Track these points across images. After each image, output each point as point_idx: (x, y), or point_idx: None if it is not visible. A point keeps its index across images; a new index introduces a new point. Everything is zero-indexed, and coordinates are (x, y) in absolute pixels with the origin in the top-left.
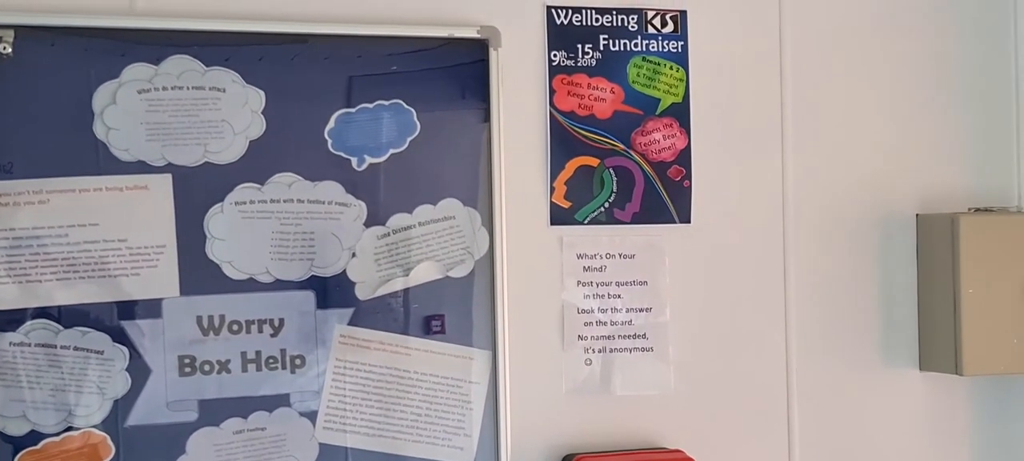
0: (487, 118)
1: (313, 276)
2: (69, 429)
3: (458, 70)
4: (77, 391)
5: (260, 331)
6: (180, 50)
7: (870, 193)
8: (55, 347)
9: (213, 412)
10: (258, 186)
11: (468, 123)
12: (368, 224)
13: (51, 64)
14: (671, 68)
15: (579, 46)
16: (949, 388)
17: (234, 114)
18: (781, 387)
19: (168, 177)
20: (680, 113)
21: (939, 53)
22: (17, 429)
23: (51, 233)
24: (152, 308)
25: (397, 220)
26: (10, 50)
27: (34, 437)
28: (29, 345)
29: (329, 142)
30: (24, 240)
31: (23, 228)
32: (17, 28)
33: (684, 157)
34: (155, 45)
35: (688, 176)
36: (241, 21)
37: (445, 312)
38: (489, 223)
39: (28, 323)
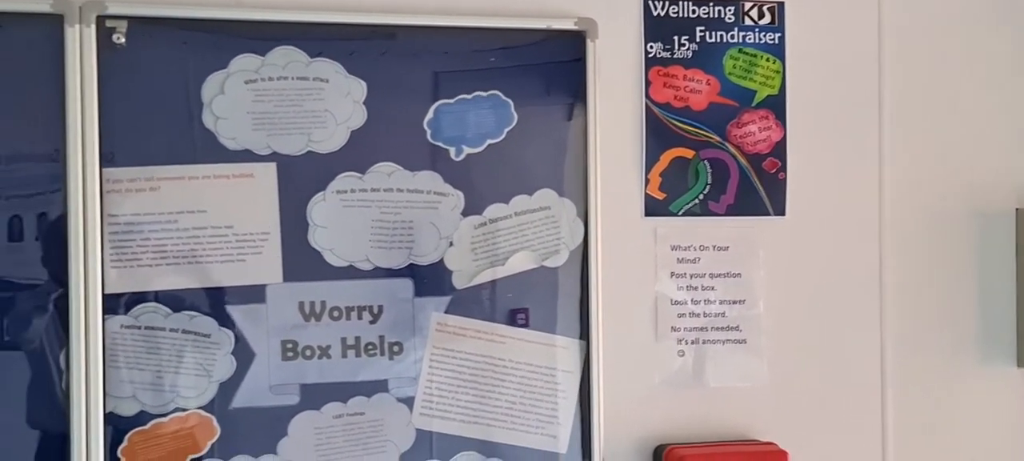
0: (584, 109)
1: (411, 264)
2: (176, 410)
3: (555, 62)
4: (184, 373)
5: (359, 318)
6: (285, 41)
7: (969, 187)
8: (164, 330)
9: (314, 396)
10: (359, 175)
11: (564, 114)
12: (465, 213)
13: (162, 55)
14: (767, 60)
15: (675, 38)
16: None
17: (337, 104)
18: (876, 382)
19: (273, 165)
20: (776, 105)
21: None
22: (127, 410)
23: (160, 219)
24: (256, 294)
25: (494, 210)
26: (123, 40)
27: (143, 417)
28: (139, 328)
29: (428, 132)
30: (134, 226)
31: (133, 214)
32: (130, 19)
33: (779, 149)
34: (261, 38)
35: (783, 168)
36: (346, 13)
37: (539, 301)
38: (584, 214)
39: (138, 307)
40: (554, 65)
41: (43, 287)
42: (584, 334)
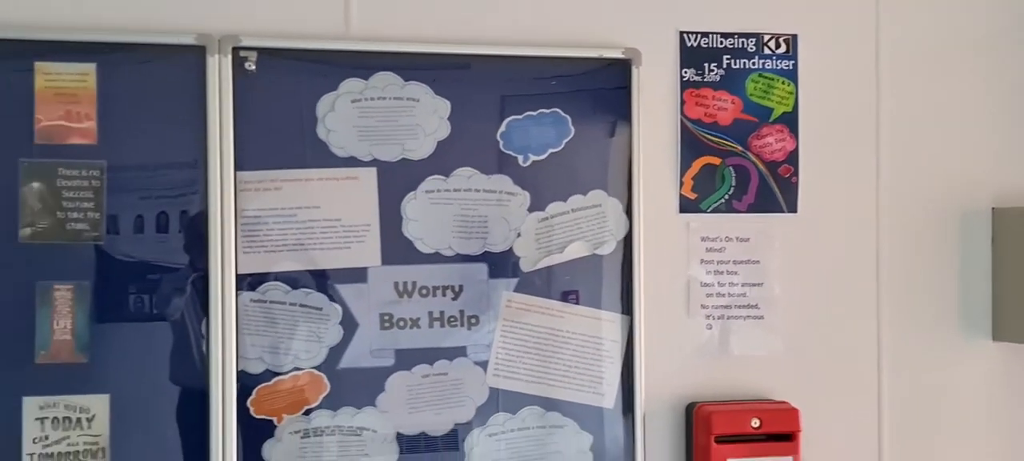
0: (629, 123)
1: (486, 251)
2: (294, 369)
3: (605, 84)
4: (301, 339)
5: (444, 295)
6: (384, 68)
7: (952, 189)
8: (284, 304)
9: (406, 359)
10: (444, 177)
11: (612, 128)
12: (530, 210)
13: (284, 79)
14: (783, 83)
15: (706, 64)
16: (1018, 355)
17: (426, 119)
18: (872, 350)
19: (374, 170)
20: (790, 121)
21: (1010, 67)
22: (254, 368)
23: (282, 214)
24: (360, 274)
25: (554, 207)
26: (254, 67)
27: (268, 375)
28: (265, 302)
29: (500, 143)
30: (260, 219)
31: (260, 210)
32: (260, 50)
33: (793, 158)
34: (364, 66)
35: (796, 174)
36: (432, 44)
37: (591, 283)
38: (628, 210)
39: (263, 285)
40: (604, 87)
41: (184, 270)
42: (627, 310)
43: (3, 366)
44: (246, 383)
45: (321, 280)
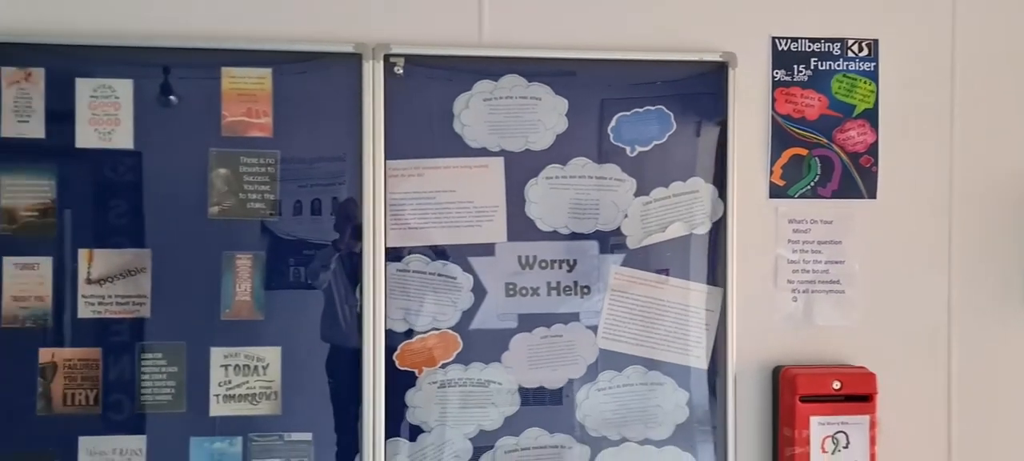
0: (725, 118)
1: (597, 230)
2: (433, 329)
3: (705, 83)
4: (438, 304)
5: (560, 268)
6: (511, 71)
7: (1018, 177)
8: (425, 274)
9: (527, 322)
10: (561, 166)
11: (710, 123)
12: (636, 194)
13: (427, 81)
14: (865, 82)
15: (795, 66)
16: None
17: (546, 116)
18: (943, 322)
19: (501, 159)
20: (871, 116)
21: None
22: (399, 327)
23: (424, 197)
24: (488, 249)
25: (657, 192)
26: (401, 71)
27: (410, 333)
28: (408, 271)
29: (611, 136)
30: (406, 201)
31: (405, 193)
32: (407, 57)
33: (873, 149)
34: (494, 71)
35: (875, 164)
36: (553, 50)
37: (689, 258)
38: (723, 195)
39: (407, 257)
40: (704, 86)
41: (332, 246)
42: (721, 283)
43: (196, 321)
44: (392, 340)
45: (455, 253)
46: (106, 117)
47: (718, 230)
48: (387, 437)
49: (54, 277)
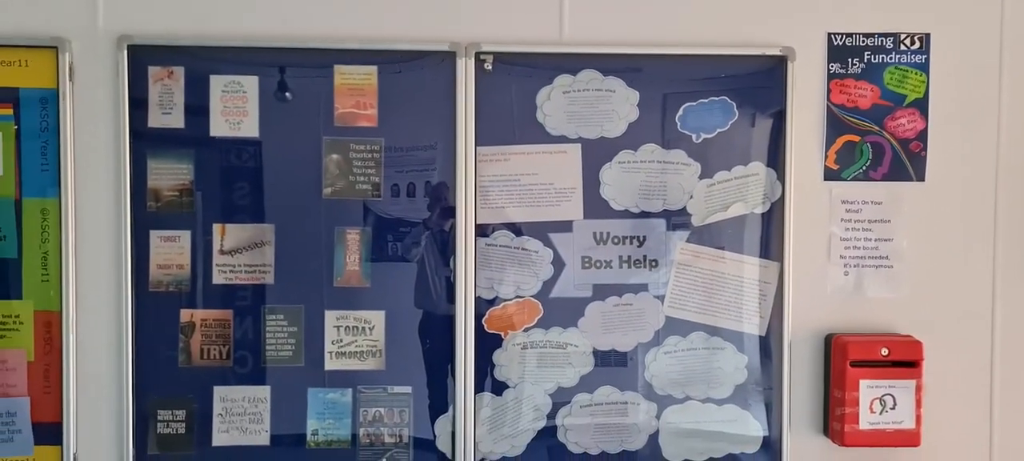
0: (783, 108)
1: (665, 209)
2: (516, 296)
3: (765, 76)
4: (522, 275)
5: (630, 243)
6: (588, 66)
7: None
8: (510, 247)
9: (601, 292)
10: (633, 151)
11: (770, 111)
12: (701, 177)
13: (513, 76)
14: (916, 74)
15: (849, 59)
16: None
17: (620, 106)
18: (987, 291)
19: (579, 146)
20: (920, 105)
21: None
22: (487, 295)
23: (509, 179)
24: (566, 226)
25: (720, 175)
26: (490, 67)
27: (496, 301)
28: (495, 245)
29: (678, 124)
30: (493, 183)
31: (493, 176)
32: (495, 54)
33: (922, 136)
34: (573, 66)
35: (924, 149)
36: (627, 47)
37: (749, 235)
38: (781, 178)
39: (495, 233)
40: (764, 79)
41: (422, 224)
42: (778, 258)
43: (313, 287)
44: (480, 307)
45: (537, 230)
46: (235, 109)
47: (776, 210)
48: (476, 391)
49: (192, 248)
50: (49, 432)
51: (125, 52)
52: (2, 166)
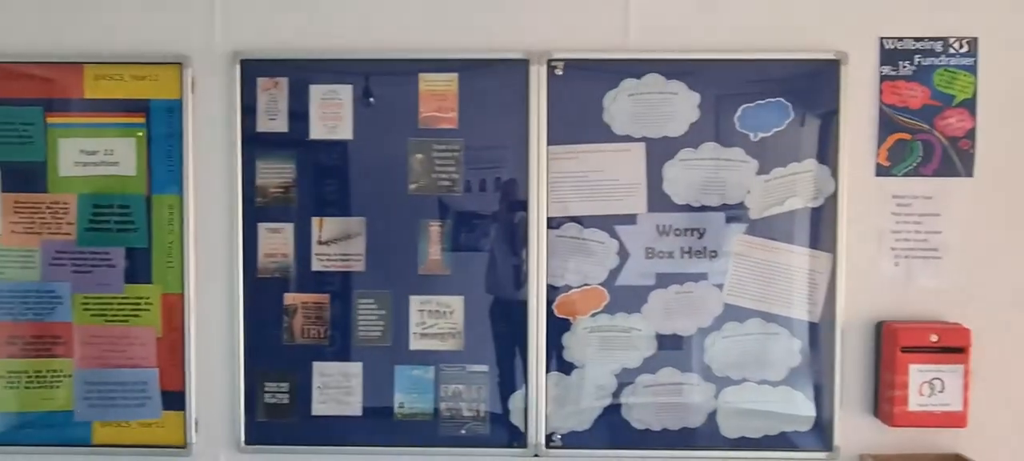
0: (836, 108)
1: (723, 203)
2: (584, 284)
3: (819, 78)
4: (589, 264)
5: (691, 235)
6: (652, 71)
7: None
8: (579, 239)
9: (663, 280)
10: (693, 149)
11: (824, 112)
12: (758, 173)
13: (582, 80)
14: (964, 75)
15: (900, 62)
16: None
17: (681, 108)
18: None
19: (643, 145)
20: (969, 105)
21: None
22: (557, 283)
23: (578, 176)
24: (631, 219)
25: (776, 171)
26: (561, 73)
27: (566, 288)
28: (565, 237)
29: (736, 124)
30: (563, 179)
31: (563, 172)
32: (566, 61)
33: (971, 134)
34: (637, 71)
35: (973, 146)
36: (689, 52)
37: (804, 228)
38: (835, 174)
39: (564, 225)
40: (819, 81)
41: (492, 217)
42: (831, 249)
43: (399, 275)
44: (551, 293)
45: (603, 222)
46: (332, 115)
47: (828, 204)
48: (547, 371)
49: (294, 238)
50: (174, 399)
51: (238, 66)
52: (135, 167)
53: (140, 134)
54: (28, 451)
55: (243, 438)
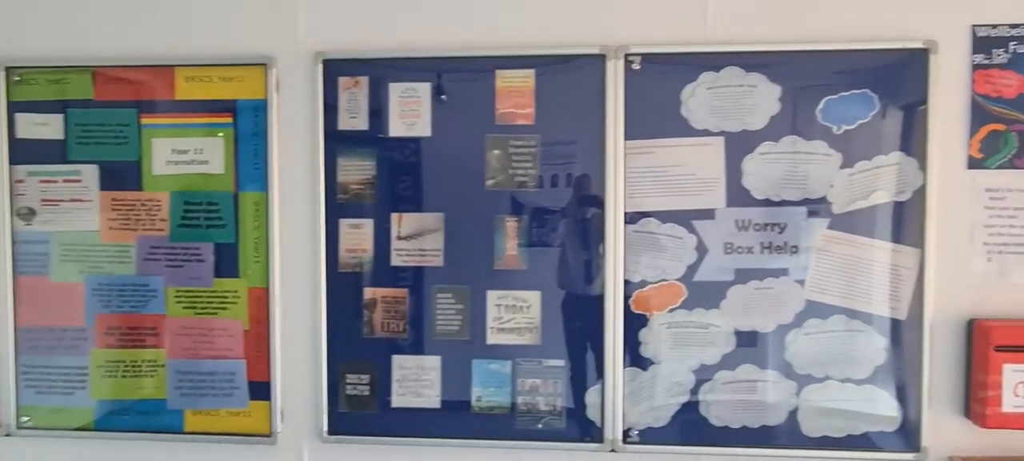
0: (925, 99)
1: (805, 198)
2: (661, 279)
3: (907, 68)
4: (667, 259)
5: (771, 230)
6: (731, 64)
7: None
8: (656, 234)
9: (742, 276)
10: (774, 142)
11: (912, 102)
12: (842, 167)
13: (659, 75)
14: None
15: (993, 50)
16: None
17: (761, 100)
18: None
19: (721, 139)
20: None
21: None
22: (634, 278)
23: (655, 170)
24: (709, 213)
25: (861, 164)
26: (638, 67)
27: (643, 283)
28: (642, 232)
29: (819, 116)
30: (641, 173)
31: (640, 167)
32: (642, 55)
33: None
34: (716, 64)
35: None
36: (769, 44)
37: (891, 223)
38: (923, 166)
39: (641, 220)
40: (906, 71)
41: (567, 212)
42: (919, 244)
43: (476, 270)
44: (628, 289)
45: (681, 217)
46: (410, 112)
47: (916, 198)
48: (624, 366)
49: (374, 234)
50: (260, 389)
51: (320, 66)
52: (223, 165)
53: (222, 134)
54: (125, 437)
55: (326, 428)
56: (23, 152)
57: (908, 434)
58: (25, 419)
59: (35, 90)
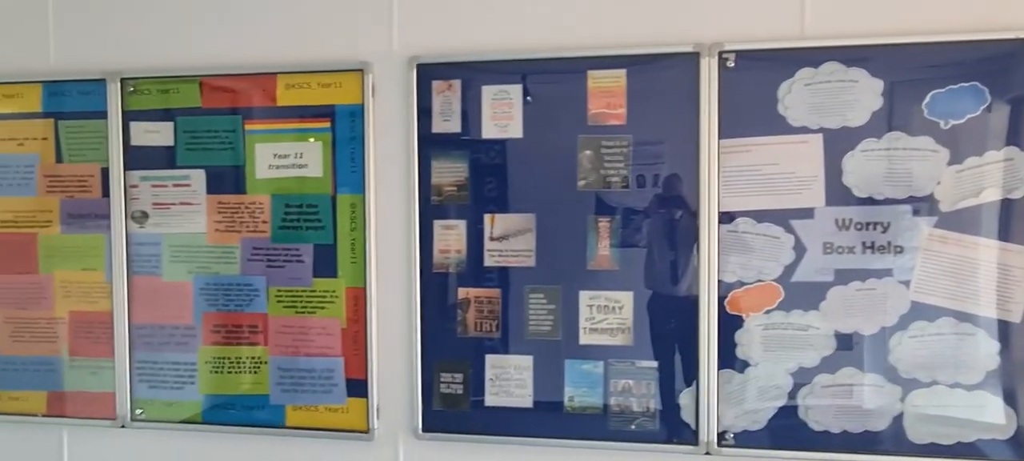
0: None
1: (910, 196)
2: (758, 280)
3: (1018, 58)
4: (764, 259)
5: (874, 229)
6: (830, 59)
7: None
8: (752, 234)
9: (843, 276)
10: (876, 139)
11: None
12: (950, 163)
13: (755, 72)
14: None
15: None
16: None
17: (863, 96)
18: None
19: (820, 136)
20: None
21: None
22: (729, 279)
23: (752, 169)
24: (808, 212)
25: (970, 160)
26: (733, 65)
27: (738, 284)
28: (737, 232)
29: (924, 111)
30: (736, 173)
31: (735, 166)
32: (737, 52)
33: None
34: (815, 59)
35: None
36: (870, 37)
37: (1004, 221)
38: None
39: (737, 220)
40: (1019, 62)
41: (659, 212)
42: None
43: (569, 270)
44: (723, 289)
45: (779, 217)
46: (503, 114)
47: None
48: (719, 368)
49: (467, 235)
50: (357, 386)
51: (414, 70)
52: (322, 168)
53: (314, 138)
54: (230, 430)
55: (420, 425)
56: (137, 159)
57: (1021, 444)
58: (139, 412)
59: (147, 100)
